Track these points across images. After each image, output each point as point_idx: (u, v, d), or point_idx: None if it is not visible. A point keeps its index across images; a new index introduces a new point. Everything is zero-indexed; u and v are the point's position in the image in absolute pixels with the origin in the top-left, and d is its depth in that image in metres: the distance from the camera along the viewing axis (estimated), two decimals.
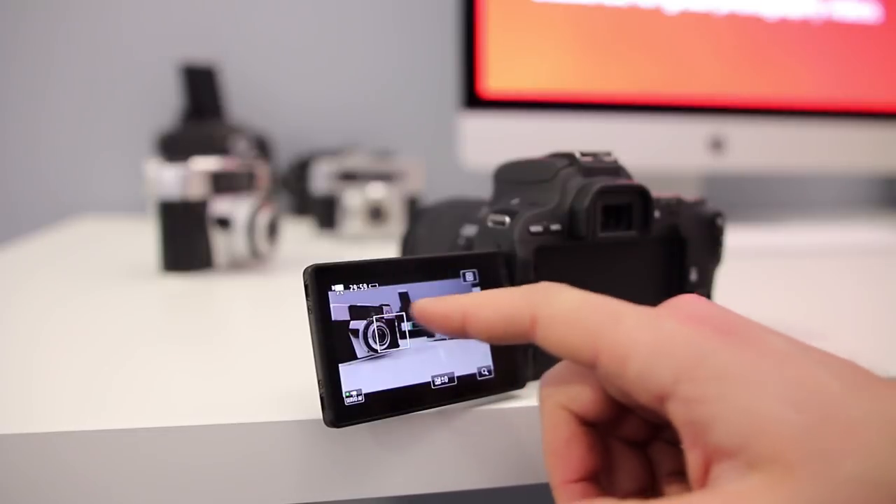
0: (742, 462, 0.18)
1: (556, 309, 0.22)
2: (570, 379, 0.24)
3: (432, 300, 0.25)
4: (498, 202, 0.34)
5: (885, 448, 0.18)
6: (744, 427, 0.18)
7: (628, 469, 0.24)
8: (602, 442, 0.24)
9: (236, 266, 0.59)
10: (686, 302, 0.23)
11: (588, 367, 0.22)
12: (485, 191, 0.37)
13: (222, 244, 0.57)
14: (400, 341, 0.27)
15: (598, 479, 0.24)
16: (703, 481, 0.19)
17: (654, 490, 0.24)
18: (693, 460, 0.20)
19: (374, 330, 0.26)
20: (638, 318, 0.21)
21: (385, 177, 0.80)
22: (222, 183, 0.58)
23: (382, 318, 0.27)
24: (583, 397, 0.23)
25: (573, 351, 0.22)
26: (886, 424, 0.18)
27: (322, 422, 0.25)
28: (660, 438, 0.25)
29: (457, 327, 0.24)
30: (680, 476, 0.24)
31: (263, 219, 0.57)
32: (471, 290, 0.29)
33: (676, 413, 0.20)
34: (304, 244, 0.75)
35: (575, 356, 0.22)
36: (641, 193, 0.33)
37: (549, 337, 0.22)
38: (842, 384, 0.19)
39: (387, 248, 0.68)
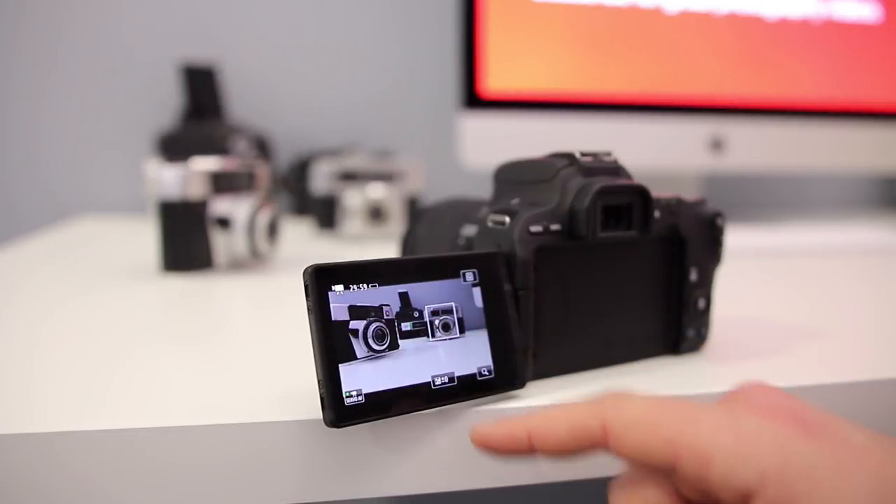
0: None
1: (629, 415, 0.22)
2: (643, 483, 0.23)
3: (491, 425, 0.24)
4: (498, 202, 0.34)
5: None
6: None
7: None
8: None
9: (236, 266, 0.59)
10: (756, 393, 0.23)
11: (664, 471, 0.22)
12: (485, 191, 0.37)
13: (222, 244, 0.57)
14: (400, 341, 0.27)
15: None
16: None
17: None
18: None
19: (373, 330, 0.26)
20: (716, 416, 0.21)
21: (385, 177, 0.80)
22: (222, 183, 0.58)
23: (382, 318, 0.27)
24: (660, 499, 0.23)
25: (651, 455, 0.21)
26: None
27: (322, 422, 0.25)
28: None
29: (523, 448, 0.24)
30: None
31: (263, 219, 0.57)
32: (471, 290, 0.29)
33: None
34: (304, 244, 0.75)
35: (652, 460, 0.22)
36: (641, 193, 0.33)
37: (624, 443, 0.22)
38: None
39: (387, 248, 0.68)
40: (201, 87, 0.93)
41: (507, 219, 0.31)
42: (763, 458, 0.20)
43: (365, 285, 0.27)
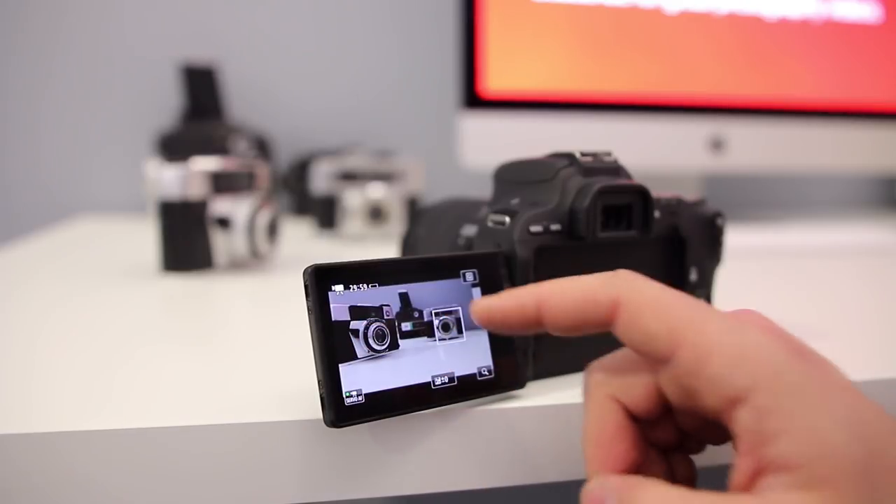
0: (797, 478, 0.19)
1: (643, 297, 0.22)
2: (625, 370, 0.24)
3: (495, 297, 0.24)
4: (498, 202, 0.34)
5: None
6: (809, 446, 0.19)
7: (654, 472, 0.24)
8: (644, 439, 0.24)
9: (236, 266, 0.59)
10: (756, 315, 0.23)
11: (659, 359, 0.22)
12: (485, 191, 0.37)
13: (222, 244, 0.57)
14: (400, 341, 0.27)
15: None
16: (748, 488, 0.20)
17: None
18: (744, 466, 0.20)
19: (374, 330, 0.26)
20: (723, 320, 0.22)
21: (385, 177, 0.80)
22: (222, 183, 0.58)
23: (382, 318, 0.27)
24: (636, 390, 0.23)
25: (653, 340, 0.22)
26: None
27: (322, 422, 0.25)
28: (681, 447, 0.25)
29: (531, 318, 0.24)
30: (688, 486, 0.24)
31: (263, 219, 0.57)
32: (471, 291, 0.29)
33: (743, 419, 0.20)
34: (304, 244, 0.75)
35: (653, 347, 0.22)
36: (641, 193, 0.33)
37: (631, 324, 0.22)
38: (889, 427, 0.20)
39: (387, 248, 0.68)
40: (201, 87, 0.93)
41: (507, 219, 0.31)
42: (758, 368, 0.20)
43: (365, 285, 0.27)
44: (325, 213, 0.79)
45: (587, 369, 0.25)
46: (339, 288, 0.26)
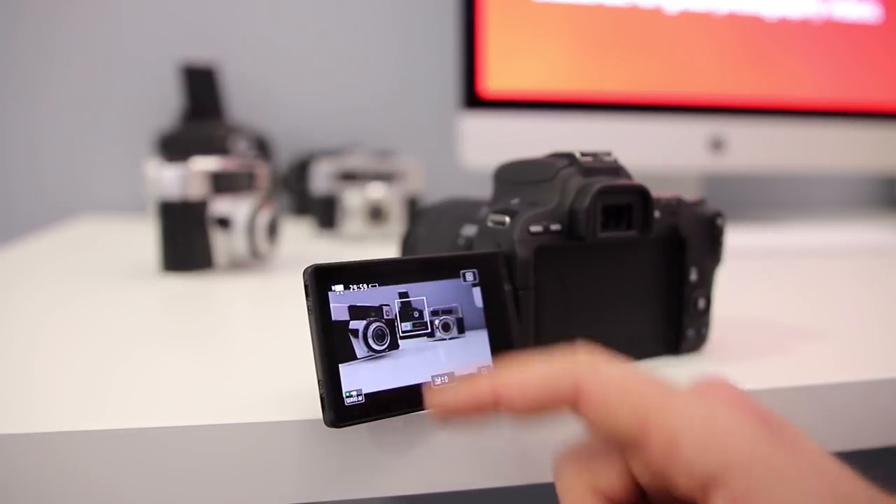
0: None
1: (605, 380, 0.22)
2: (595, 457, 0.23)
3: (451, 391, 0.24)
4: (498, 202, 0.34)
5: None
6: None
7: None
8: None
9: (236, 266, 0.59)
10: (722, 386, 0.22)
11: (626, 444, 0.21)
12: (485, 191, 0.37)
13: (222, 244, 0.57)
14: (400, 341, 0.27)
15: None
16: None
17: None
18: None
19: (373, 330, 0.26)
20: (690, 400, 0.21)
21: (385, 177, 0.80)
22: (222, 183, 0.58)
23: (382, 318, 0.27)
24: (611, 477, 0.22)
25: (619, 425, 0.21)
26: None
27: (322, 422, 0.25)
28: None
29: (488, 408, 0.23)
30: None
31: (263, 219, 0.57)
32: (471, 290, 0.29)
33: (719, 502, 0.19)
34: (304, 244, 0.75)
35: (620, 432, 0.21)
36: (641, 193, 0.33)
37: (597, 410, 0.21)
38: (866, 496, 0.19)
39: (387, 248, 0.68)
40: (201, 87, 0.93)
41: (507, 219, 0.31)
42: (731, 449, 0.19)
43: (365, 285, 0.27)
44: (325, 213, 0.79)
45: (555, 461, 0.24)
46: (338, 288, 0.26)
